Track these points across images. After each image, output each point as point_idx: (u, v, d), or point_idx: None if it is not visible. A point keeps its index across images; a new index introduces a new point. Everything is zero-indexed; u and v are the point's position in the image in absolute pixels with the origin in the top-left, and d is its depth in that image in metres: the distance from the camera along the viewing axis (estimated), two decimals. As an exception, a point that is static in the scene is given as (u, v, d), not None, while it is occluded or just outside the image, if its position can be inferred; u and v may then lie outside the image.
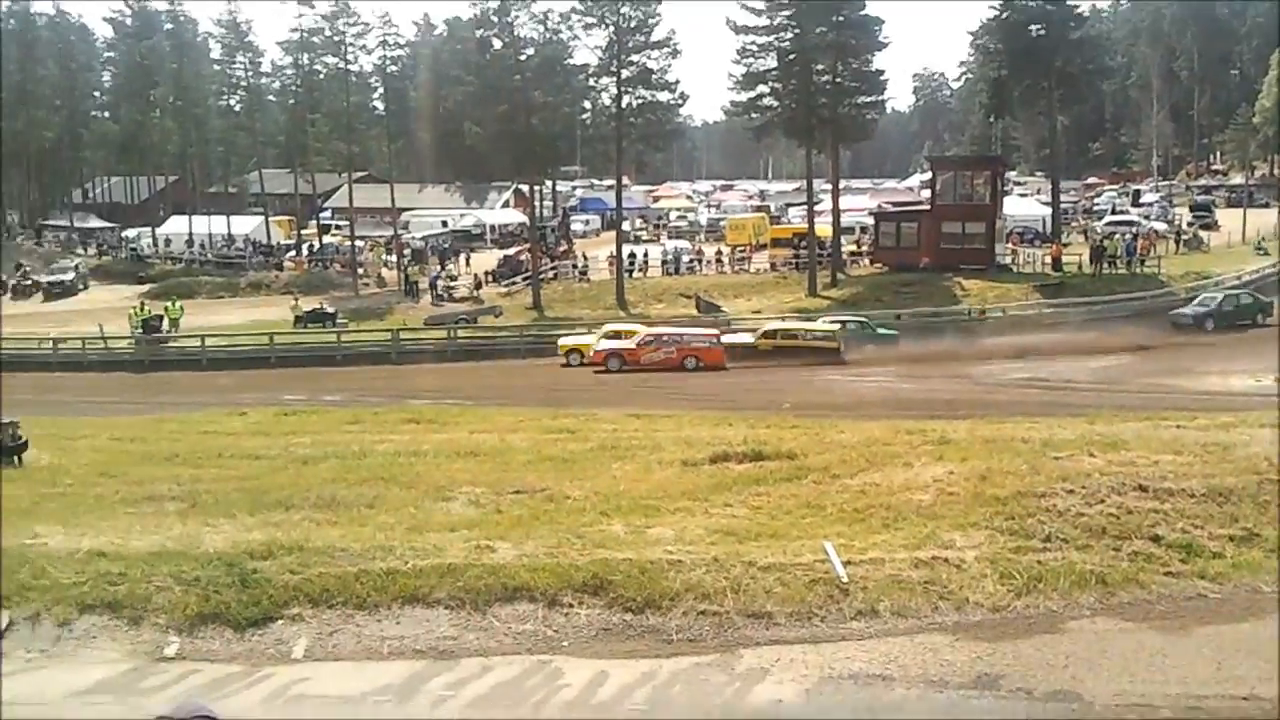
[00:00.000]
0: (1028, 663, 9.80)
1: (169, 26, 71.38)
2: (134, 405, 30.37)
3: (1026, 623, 10.64)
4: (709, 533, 12.46)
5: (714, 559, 11.37)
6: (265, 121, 76.13)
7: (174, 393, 33.41)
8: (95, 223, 73.80)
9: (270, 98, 78.15)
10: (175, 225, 68.14)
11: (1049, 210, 58.61)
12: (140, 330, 43.78)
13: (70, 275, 57.57)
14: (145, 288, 54.65)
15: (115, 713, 9.19)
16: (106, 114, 78.23)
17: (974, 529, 12.35)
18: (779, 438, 18.29)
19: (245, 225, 67.48)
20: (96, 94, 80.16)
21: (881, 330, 39.27)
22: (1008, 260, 50.54)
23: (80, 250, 66.15)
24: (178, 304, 47.06)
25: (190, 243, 64.56)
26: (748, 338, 37.29)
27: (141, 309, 45.28)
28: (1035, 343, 35.42)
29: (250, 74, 73.03)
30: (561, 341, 38.39)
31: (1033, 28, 54.23)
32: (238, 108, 74.44)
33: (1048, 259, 49.71)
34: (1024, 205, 64.93)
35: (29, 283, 57.01)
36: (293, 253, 63.99)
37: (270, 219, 68.04)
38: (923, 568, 11.36)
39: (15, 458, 19.18)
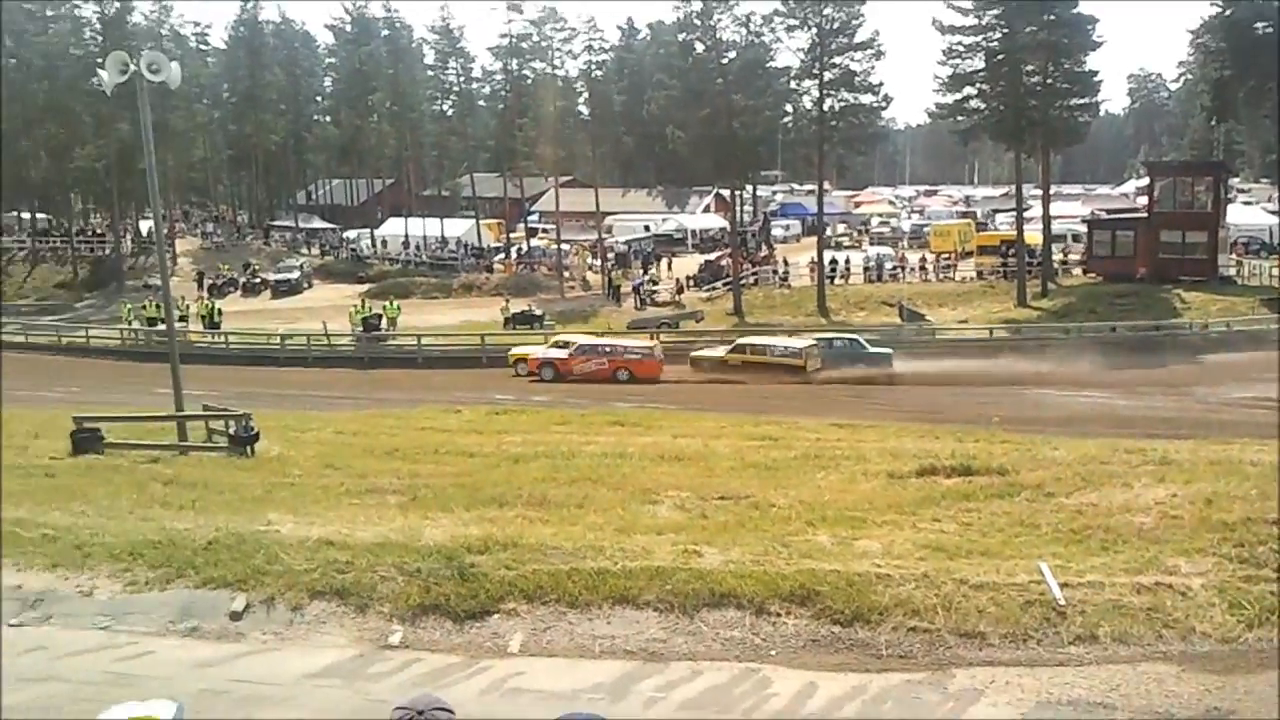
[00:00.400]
0: (1262, 699, 9.26)
1: (386, 33, 74.49)
2: (355, 400, 31.96)
3: (1260, 657, 10.04)
4: (917, 547, 12.24)
5: (924, 575, 11.17)
6: (476, 126, 78.74)
7: (392, 389, 34.85)
8: (318, 224, 77.64)
9: (481, 102, 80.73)
10: (392, 227, 71.07)
11: (1277, 219, 55.20)
12: (360, 328, 46.03)
13: (296, 274, 60.82)
14: (365, 287, 57.33)
15: (344, 697, 9.61)
16: (328, 118, 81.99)
17: (1200, 555, 11.73)
18: (988, 452, 17.81)
19: (457, 228, 69.84)
20: (318, 99, 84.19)
21: (873, 350, 37.78)
22: (1232, 272, 47.91)
23: (305, 250, 69.77)
24: (395, 303, 49.16)
25: (406, 244, 67.28)
26: (720, 352, 37.06)
27: (362, 307, 47.45)
28: (1263, 360, 33.38)
29: (462, 79, 75.78)
30: (512, 350, 39.28)
31: (1259, 25, 51.16)
32: (450, 112, 77.23)
33: (1275, 271, 46.84)
34: (1249, 214, 61.53)
35: (257, 281, 60.51)
36: (502, 255, 65.91)
37: (481, 222, 70.19)
38: (1145, 594, 10.86)
39: (248, 448, 20.47)
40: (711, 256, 59.57)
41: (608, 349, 37.08)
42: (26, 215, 70.46)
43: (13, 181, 71.17)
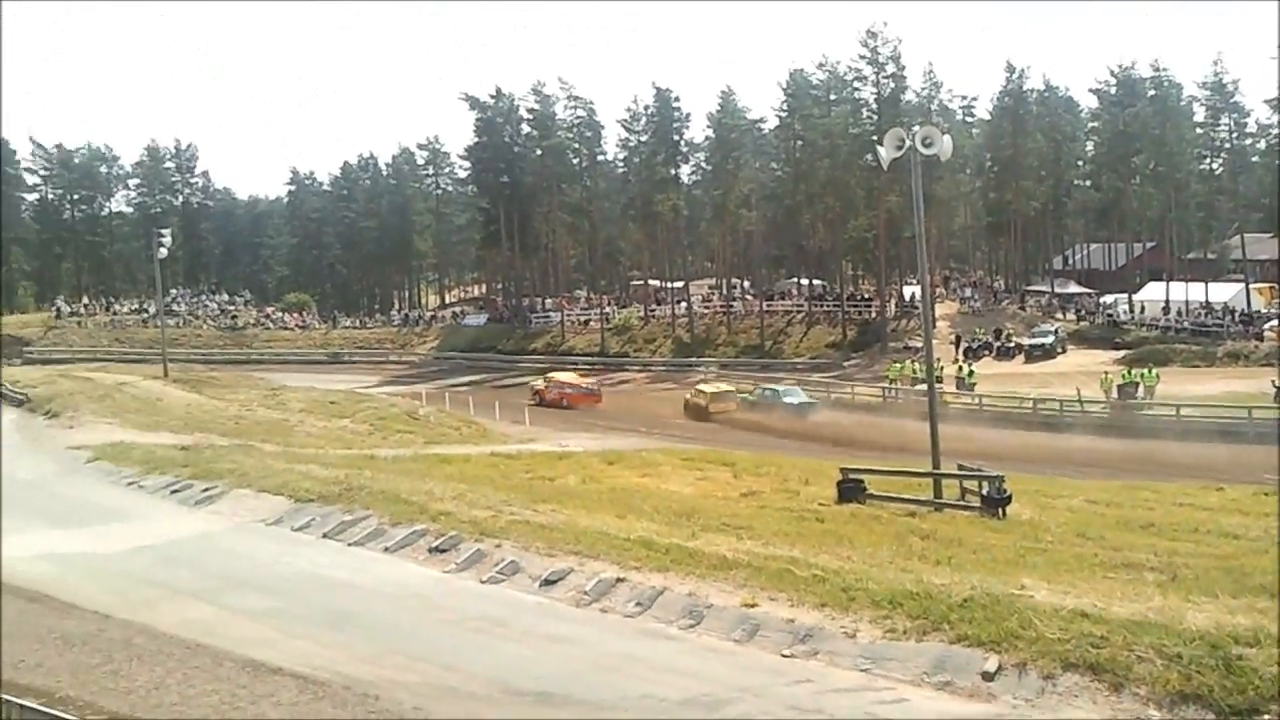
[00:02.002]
0: None
1: (1152, 93, 71.34)
2: (1106, 469, 30.93)
3: None
4: None
5: None
6: (1249, 184, 72.38)
7: (1146, 460, 33.20)
8: (1073, 288, 76.19)
9: (1254, 159, 74.14)
10: (1151, 291, 67.64)
11: None
12: (1115, 395, 44.42)
13: (1050, 339, 60.32)
14: (1120, 353, 55.26)
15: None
16: (1088, 182, 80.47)
17: None
18: None
19: (1224, 292, 64.78)
20: (1079, 163, 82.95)
21: (789, 400, 45.99)
22: None
23: (1059, 315, 68.77)
24: (1153, 371, 46.78)
25: (1166, 309, 63.66)
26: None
27: (1120, 374, 45.71)
28: None
29: (1234, 135, 70.10)
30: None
31: None
32: (1219, 171, 71.89)
33: None
34: None
35: (1011, 345, 60.99)
36: (1274, 322, 59.75)
37: (1251, 286, 64.39)
38: None
39: (1000, 510, 20.78)
40: None
41: (560, 385, 52.17)
42: (804, 281, 78.11)
43: (793, 251, 79.69)
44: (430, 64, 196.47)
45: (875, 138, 52.93)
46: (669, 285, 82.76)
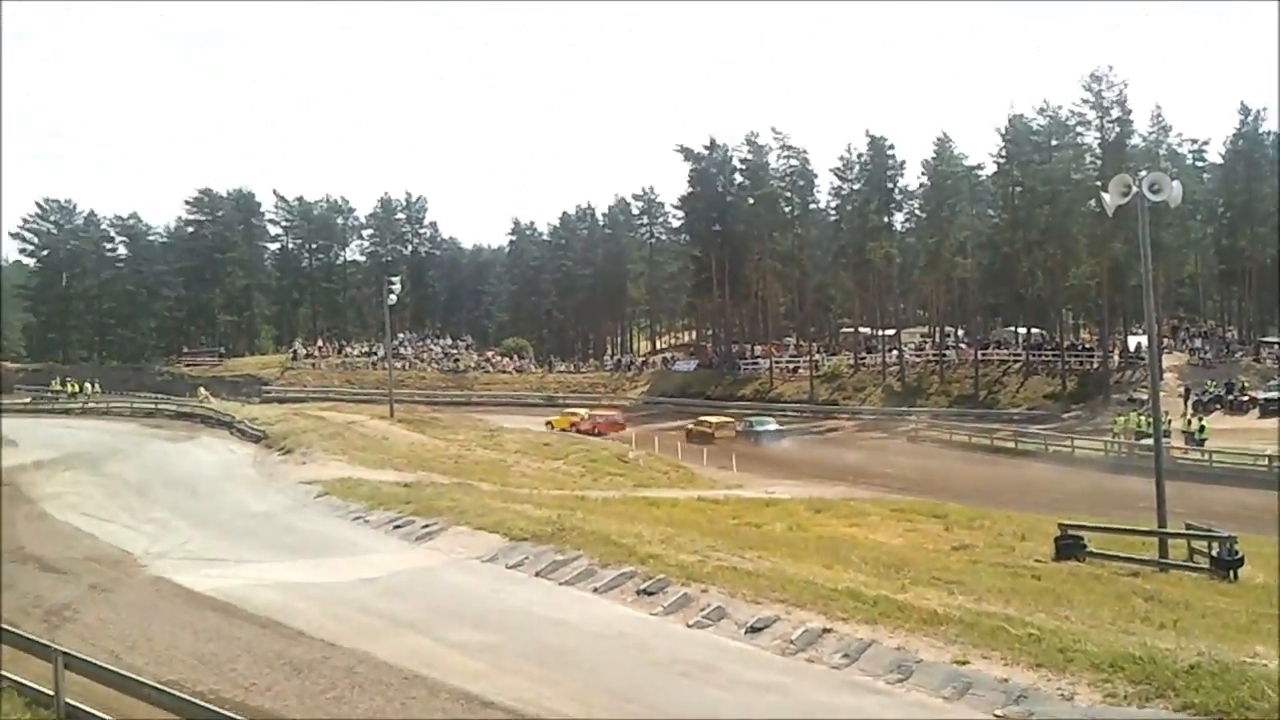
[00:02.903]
0: None
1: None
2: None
3: None
4: None
5: None
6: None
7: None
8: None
9: None
10: None
11: None
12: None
13: (1282, 393, 56.69)
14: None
15: None
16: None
17: None
18: None
19: None
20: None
21: (760, 429, 56.18)
22: None
23: (1291, 367, 64.57)
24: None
25: None
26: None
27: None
28: None
29: None
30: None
31: None
32: None
33: None
34: None
35: (1244, 399, 57.51)
36: None
37: None
38: None
39: (1231, 572, 19.68)
40: None
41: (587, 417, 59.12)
42: (1021, 330, 75.70)
43: (1010, 299, 77.39)
44: (646, 116, 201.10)
45: (1099, 183, 51.32)
46: (880, 333, 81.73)
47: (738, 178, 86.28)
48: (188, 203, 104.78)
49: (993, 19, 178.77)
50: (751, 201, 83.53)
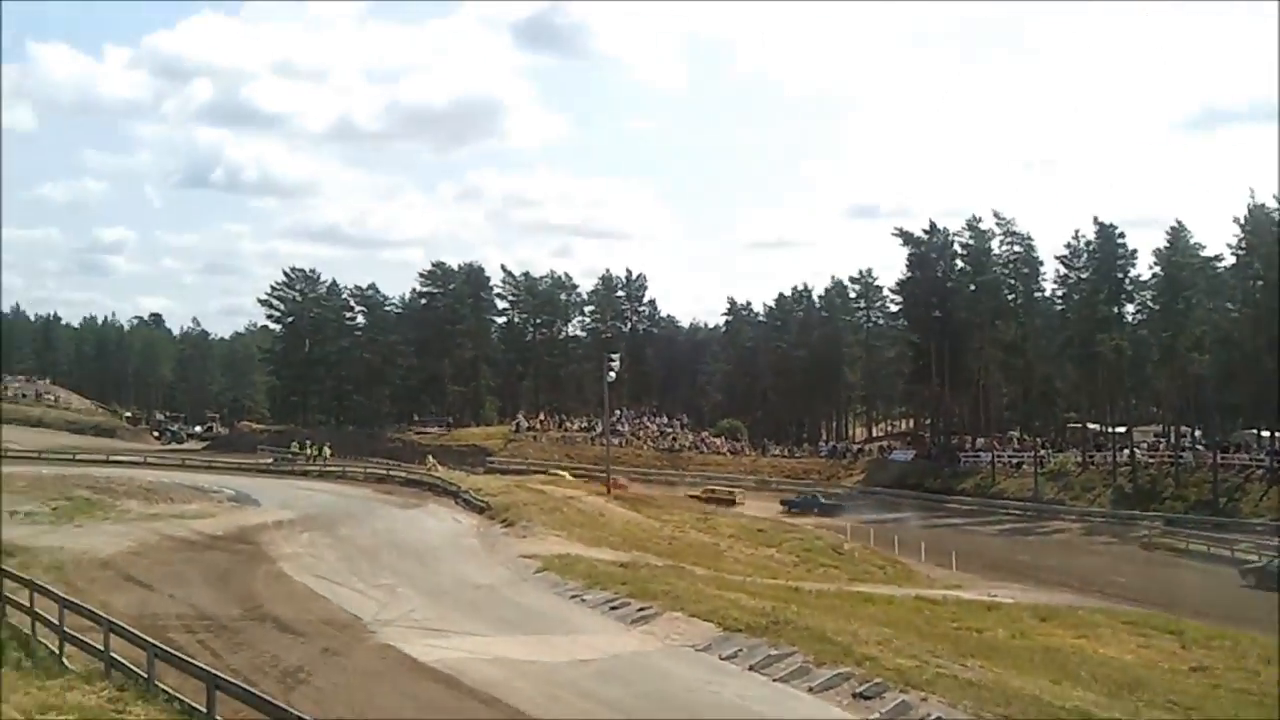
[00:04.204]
0: None
1: None
2: None
3: None
4: None
5: None
6: None
7: None
8: None
9: None
10: None
11: None
12: None
13: None
14: None
15: None
16: None
17: None
18: None
19: None
20: None
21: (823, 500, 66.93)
22: None
23: None
24: None
25: None
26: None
27: None
28: None
29: None
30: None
31: None
32: None
33: None
34: None
35: None
36: None
37: None
38: None
39: None
40: None
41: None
42: (1265, 433, 70.71)
43: (1251, 399, 72.30)
44: (867, 196, 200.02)
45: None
46: (1109, 430, 77.97)
47: (958, 263, 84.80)
48: (421, 275, 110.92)
49: (1231, 105, 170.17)
50: (973, 288, 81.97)
